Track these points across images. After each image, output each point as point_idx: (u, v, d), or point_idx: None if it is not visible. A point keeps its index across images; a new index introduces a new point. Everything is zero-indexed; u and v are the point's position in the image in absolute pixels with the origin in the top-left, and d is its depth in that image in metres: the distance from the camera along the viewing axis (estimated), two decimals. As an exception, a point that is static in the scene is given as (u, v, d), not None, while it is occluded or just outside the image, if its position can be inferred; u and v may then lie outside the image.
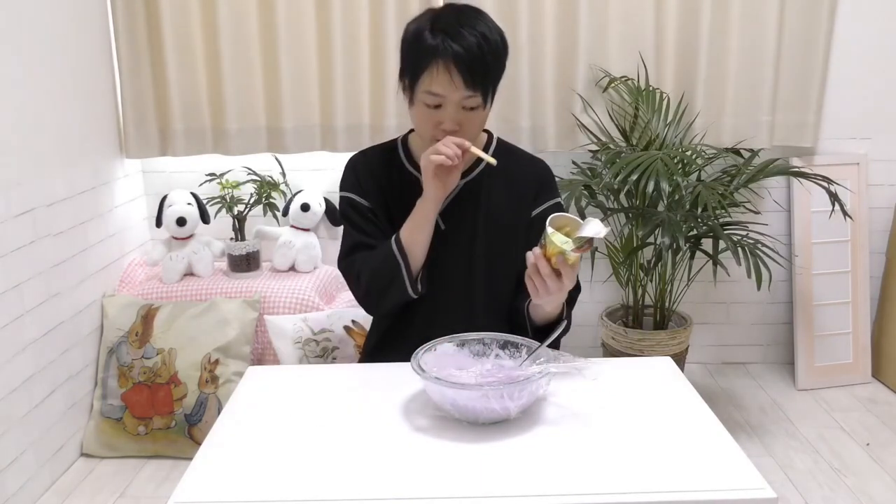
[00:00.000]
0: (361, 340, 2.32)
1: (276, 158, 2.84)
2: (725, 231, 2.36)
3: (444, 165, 1.37)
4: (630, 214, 2.52)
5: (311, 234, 2.82)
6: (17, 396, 2.11)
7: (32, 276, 2.18)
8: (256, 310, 2.51)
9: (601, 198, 2.59)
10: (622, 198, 2.54)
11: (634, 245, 2.54)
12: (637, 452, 1.11)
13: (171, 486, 1.42)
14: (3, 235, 2.06)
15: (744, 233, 2.39)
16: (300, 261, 2.77)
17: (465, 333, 1.32)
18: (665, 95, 2.64)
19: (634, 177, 2.27)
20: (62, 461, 2.35)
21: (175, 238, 2.72)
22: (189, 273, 2.73)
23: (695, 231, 2.42)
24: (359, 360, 1.80)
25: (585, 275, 2.87)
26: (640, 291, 2.65)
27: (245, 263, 2.71)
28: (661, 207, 2.44)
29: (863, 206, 2.87)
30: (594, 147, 2.70)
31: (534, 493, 1.01)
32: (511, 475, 1.06)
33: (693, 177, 2.50)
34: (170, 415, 2.40)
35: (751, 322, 3.07)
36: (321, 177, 2.90)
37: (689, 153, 2.52)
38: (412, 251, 1.44)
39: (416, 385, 1.29)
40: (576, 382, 1.31)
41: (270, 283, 2.62)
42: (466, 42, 1.34)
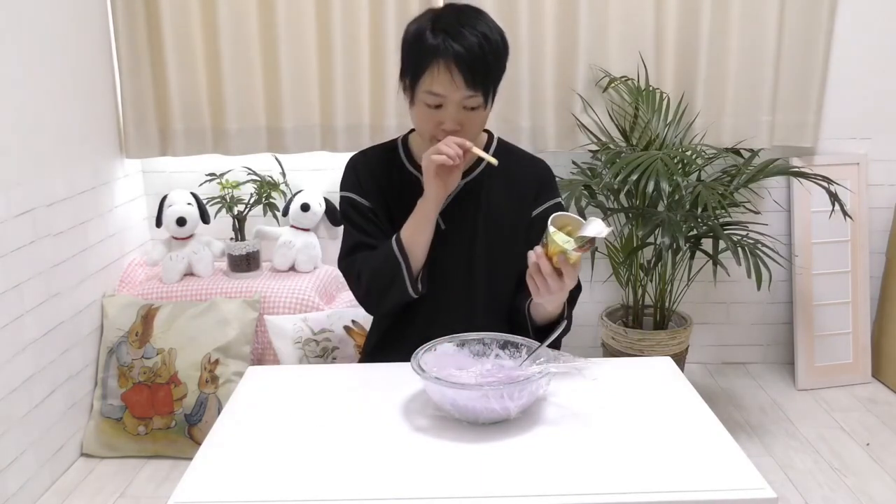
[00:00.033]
0: (361, 340, 2.32)
1: (276, 158, 2.84)
2: (725, 231, 2.36)
3: (446, 165, 1.37)
4: (630, 214, 2.52)
5: (311, 234, 2.82)
6: (17, 396, 2.11)
7: (32, 276, 2.18)
8: (256, 310, 2.51)
9: (601, 198, 2.59)
10: (622, 198, 2.54)
11: (634, 245, 2.54)
12: (637, 452, 1.11)
13: (171, 486, 1.43)
14: (3, 235, 2.06)
15: (744, 233, 2.39)
16: (300, 261, 2.77)
17: (465, 333, 1.32)
18: (665, 95, 2.64)
19: (634, 177, 2.27)
20: (62, 461, 2.35)
21: (175, 238, 2.72)
22: (189, 273, 2.73)
23: (695, 231, 2.42)
24: (359, 360, 1.80)
25: (585, 275, 2.87)
26: (640, 291, 2.65)
27: (245, 263, 2.71)
28: (661, 207, 2.44)
29: (863, 206, 2.87)
30: (594, 147, 2.70)
31: (534, 493, 1.01)
32: (511, 475, 1.06)
33: (693, 177, 2.50)
34: (170, 415, 2.40)
35: (751, 322, 3.07)
36: (321, 177, 2.90)
37: (689, 153, 2.52)
38: (413, 251, 1.44)
39: (416, 385, 1.29)
40: (576, 382, 1.31)
41: (270, 283, 2.62)
42: (467, 42, 1.34)
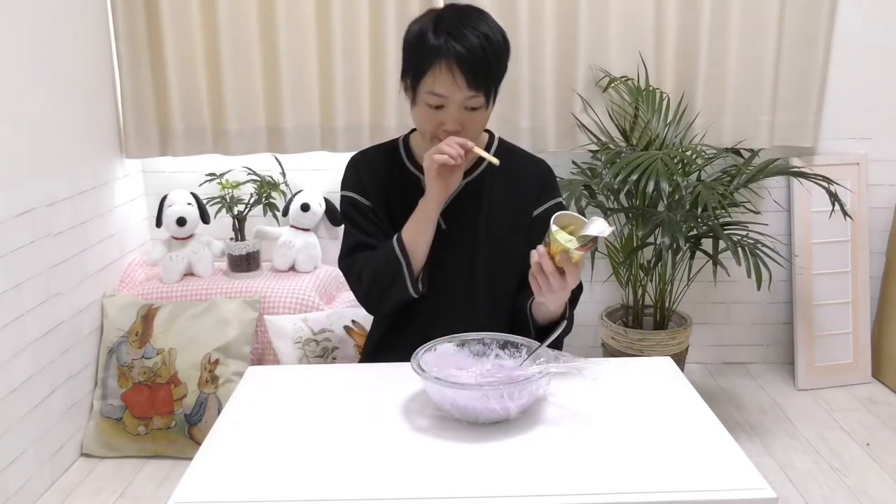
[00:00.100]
0: (361, 340, 2.32)
1: (276, 158, 2.84)
2: (725, 231, 2.36)
3: (447, 165, 1.37)
4: (630, 214, 2.52)
5: (311, 234, 2.82)
6: (17, 396, 2.11)
7: (32, 276, 2.18)
8: (256, 310, 2.51)
9: (601, 198, 2.59)
10: (622, 198, 2.54)
11: (634, 245, 2.54)
12: (637, 452, 1.11)
13: (171, 486, 1.43)
14: (3, 235, 2.06)
15: (744, 233, 2.39)
16: (300, 261, 2.77)
17: (465, 333, 1.32)
18: (665, 95, 2.64)
19: (634, 177, 2.27)
20: (62, 461, 2.35)
21: (175, 238, 2.72)
22: (189, 273, 2.73)
23: (695, 231, 2.42)
24: (359, 361, 1.80)
25: (586, 275, 2.86)
26: (640, 291, 2.65)
27: (245, 263, 2.71)
28: (661, 207, 2.44)
29: (863, 206, 2.87)
30: (594, 147, 2.70)
31: (534, 493, 1.01)
32: (511, 475, 1.06)
33: (693, 177, 2.50)
34: (170, 415, 2.40)
35: (751, 322, 3.07)
36: (321, 177, 2.90)
37: (689, 153, 2.52)
38: (413, 251, 1.44)
39: (416, 385, 1.29)
40: (576, 382, 1.31)
41: (270, 283, 2.62)
42: (469, 42, 1.34)
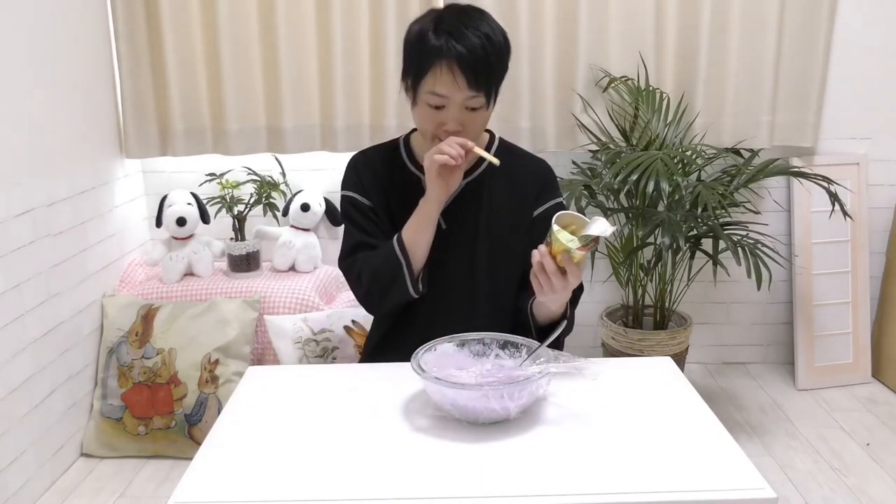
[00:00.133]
0: (361, 340, 2.32)
1: (276, 158, 2.84)
2: (725, 231, 2.36)
3: (448, 165, 1.37)
4: (630, 214, 2.52)
5: (311, 234, 2.82)
6: (17, 396, 2.11)
7: (32, 276, 2.18)
8: (256, 310, 2.51)
9: (601, 198, 2.59)
10: (622, 198, 2.54)
11: (634, 245, 2.54)
12: (637, 452, 1.11)
13: (171, 486, 1.42)
14: (3, 235, 2.06)
15: (744, 233, 2.39)
16: (300, 261, 2.77)
17: (465, 333, 1.32)
18: (665, 95, 2.64)
19: (634, 177, 2.27)
20: (62, 461, 2.35)
21: (175, 238, 2.72)
22: (189, 273, 2.73)
23: (695, 231, 2.42)
24: (359, 361, 1.80)
25: (585, 275, 2.84)
26: (640, 291, 2.65)
27: (245, 263, 2.71)
28: (661, 207, 2.44)
29: (863, 206, 2.87)
30: (594, 147, 2.70)
31: (534, 493, 1.01)
32: (511, 475, 1.06)
33: (693, 177, 2.50)
34: (170, 415, 2.40)
35: (751, 322, 3.07)
36: (321, 177, 2.90)
37: (689, 153, 2.52)
38: (414, 251, 1.44)
39: (416, 385, 1.29)
40: (576, 382, 1.31)
41: (270, 283, 2.62)
42: (470, 43, 1.34)
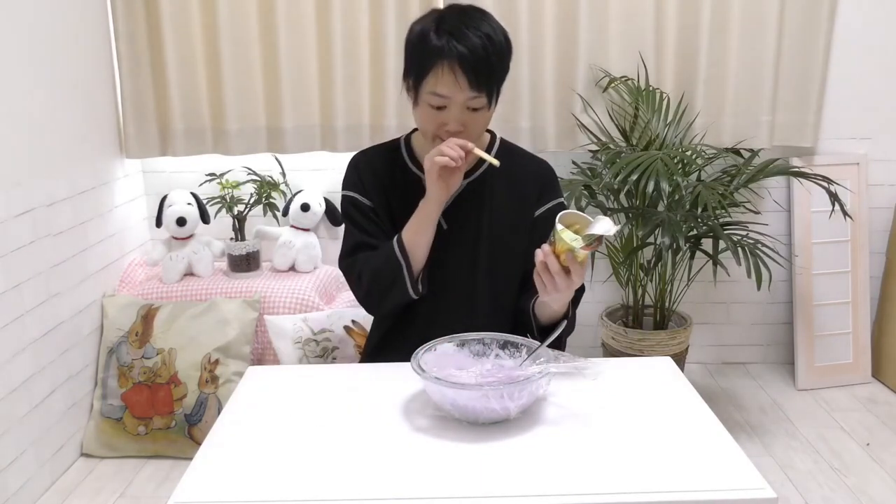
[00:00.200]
0: (361, 340, 2.32)
1: (276, 158, 2.84)
2: (725, 231, 2.36)
3: (448, 167, 1.37)
4: (630, 214, 2.52)
5: (311, 234, 2.82)
6: (17, 396, 2.11)
7: (32, 276, 2.18)
8: (256, 310, 2.51)
9: (601, 198, 2.59)
10: (622, 198, 2.54)
11: (634, 245, 2.54)
12: (637, 452, 1.11)
13: (171, 486, 1.42)
14: (3, 235, 2.06)
15: (744, 233, 2.39)
16: (300, 261, 2.77)
17: (465, 333, 1.32)
18: (665, 95, 2.64)
19: (634, 177, 2.27)
20: (62, 461, 2.35)
21: (175, 238, 2.72)
22: (189, 273, 2.73)
23: (695, 231, 2.42)
24: (359, 361, 1.80)
25: (585, 275, 2.86)
26: (640, 291, 2.65)
27: (245, 263, 2.71)
28: (661, 207, 2.44)
29: (863, 206, 2.87)
30: (594, 147, 2.70)
31: (534, 493, 1.01)
32: (511, 475, 1.06)
33: (693, 177, 2.50)
34: (170, 415, 2.40)
35: (751, 322, 3.07)
36: (321, 177, 2.90)
37: (689, 153, 2.52)
38: (414, 252, 1.44)
39: (416, 385, 1.29)
40: (576, 382, 1.31)
41: (270, 283, 2.62)
42: (471, 43, 1.34)
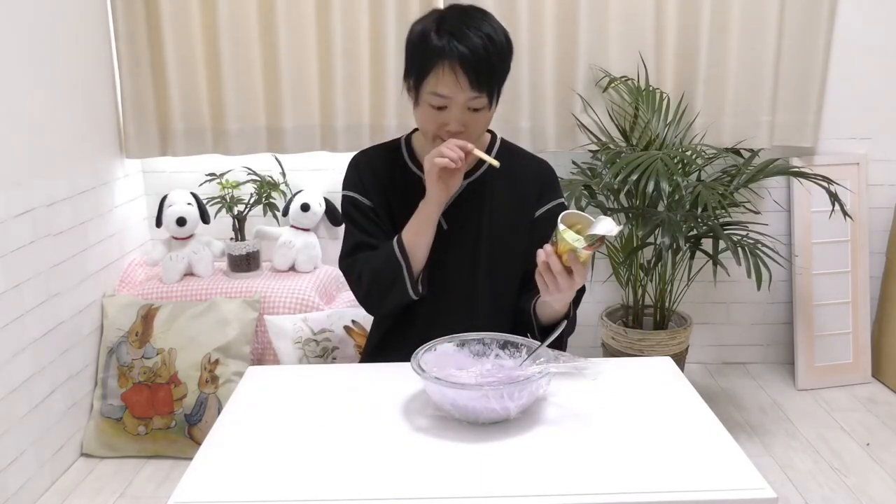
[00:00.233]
0: (361, 340, 2.32)
1: (276, 158, 2.84)
2: (725, 231, 2.36)
3: (448, 168, 1.37)
4: (630, 214, 2.52)
5: (311, 234, 2.82)
6: (17, 396, 2.11)
7: (32, 276, 2.18)
8: (256, 310, 2.51)
9: (601, 198, 2.59)
10: (622, 198, 2.54)
11: (634, 245, 2.54)
12: (637, 452, 1.11)
13: (171, 486, 1.43)
14: (3, 235, 2.06)
15: (744, 233, 2.39)
16: (300, 261, 2.77)
17: (465, 333, 1.32)
18: (665, 95, 2.64)
19: (634, 177, 2.27)
20: (62, 461, 2.35)
21: (175, 238, 2.72)
22: (189, 273, 2.73)
23: (695, 231, 2.42)
24: (360, 361, 1.80)
25: (586, 275, 2.86)
26: (640, 291, 2.65)
27: (245, 263, 2.71)
28: (661, 207, 2.44)
29: (863, 206, 2.87)
30: (594, 147, 2.70)
31: (534, 493, 1.01)
32: (511, 475, 1.06)
33: (693, 177, 2.50)
34: (170, 415, 2.40)
35: (751, 322, 3.07)
36: (321, 177, 2.90)
37: (689, 153, 2.52)
38: (414, 253, 1.44)
39: (416, 385, 1.29)
40: (576, 382, 1.31)
41: (270, 283, 2.62)
42: (472, 43, 1.34)
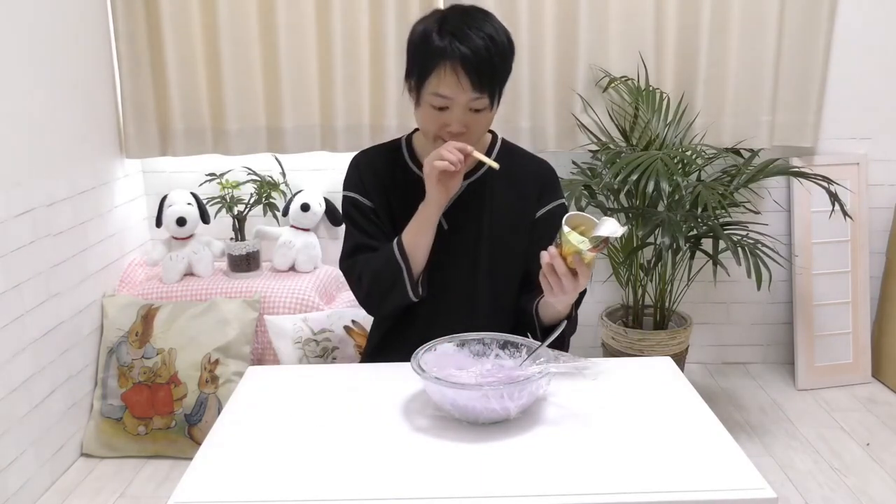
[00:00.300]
0: (361, 340, 2.33)
1: (276, 158, 2.84)
2: (725, 231, 2.36)
3: (448, 171, 1.37)
4: (630, 214, 2.52)
5: (311, 234, 2.82)
6: (17, 396, 2.11)
7: (32, 276, 2.18)
8: (256, 310, 2.51)
9: (601, 198, 2.59)
10: (622, 198, 2.54)
11: (634, 245, 2.54)
12: (637, 452, 1.11)
13: (171, 486, 1.43)
14: (3, 235, 2.06)
15: (744, 233, 2.39)
16: (300, 261, 2.77)
17: (465, 333, 1.32)
18: (665, 95, 2.64)
19: (634, 177, 2.27)
20: (62, 461, 2.35)
21: (175, 238, 2.72)
22: (189, 273, 2.73)
23: (695, 231, 2.42)
24: (360, 361, 1.80)
25: (585, 275, 2.86)
26: (640, 291, 2.65)
27: (245, 263, 2.71)
28: (661, 207, 2.44)
29: (863, 206, 2.87)
30: (594, 147, 2.70)
31: (534, 493, 1.01)
32: (511, 475, 1.06)
33: (693, 177, 2.50)
34: (170, 415, 2.40)
35: (751, 322, 3.07)
36: (321, 177, 2.90)
37: (689, 153, 2.52)
38: (414, 255, 1.44)
39: (416, 385, 1.29)
40: (576, 382, 1.31)
41: (270, 283, 2.62)
42: (474, 44, 1.33)
